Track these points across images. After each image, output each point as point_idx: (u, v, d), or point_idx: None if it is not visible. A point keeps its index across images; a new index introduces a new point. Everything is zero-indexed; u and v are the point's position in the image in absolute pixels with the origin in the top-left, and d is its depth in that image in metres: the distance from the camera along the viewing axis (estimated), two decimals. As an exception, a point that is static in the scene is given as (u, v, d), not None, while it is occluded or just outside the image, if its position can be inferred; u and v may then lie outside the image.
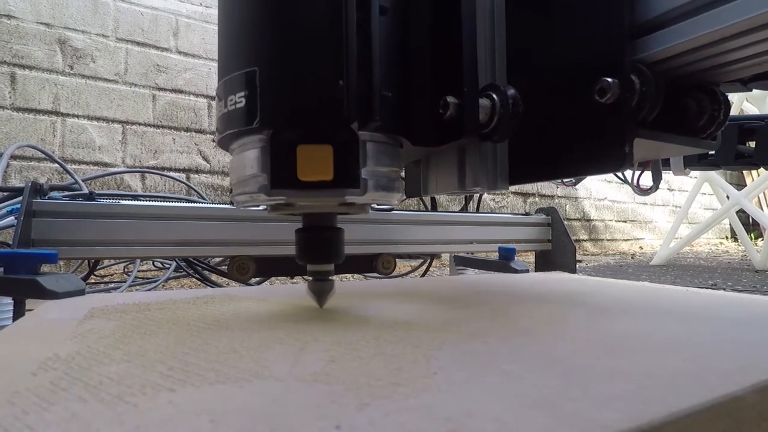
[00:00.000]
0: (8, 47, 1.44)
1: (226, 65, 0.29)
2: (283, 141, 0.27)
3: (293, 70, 0.27)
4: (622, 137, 0.27)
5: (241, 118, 0.28)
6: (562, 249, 0.96)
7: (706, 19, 0.25)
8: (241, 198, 0.30)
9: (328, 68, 0.27)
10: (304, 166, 0.27)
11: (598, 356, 0.22)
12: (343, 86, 0.26)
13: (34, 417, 0.14)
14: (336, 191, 0.27)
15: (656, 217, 3.54)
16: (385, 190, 0.29)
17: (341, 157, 0.27)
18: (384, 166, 0.29)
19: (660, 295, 0.42)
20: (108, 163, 1.59)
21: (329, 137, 0.27)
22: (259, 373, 0.19)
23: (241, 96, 0.27)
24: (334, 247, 0.33)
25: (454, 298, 0.40)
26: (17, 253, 0.44)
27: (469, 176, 0.35)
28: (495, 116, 0.31)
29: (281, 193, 0.27)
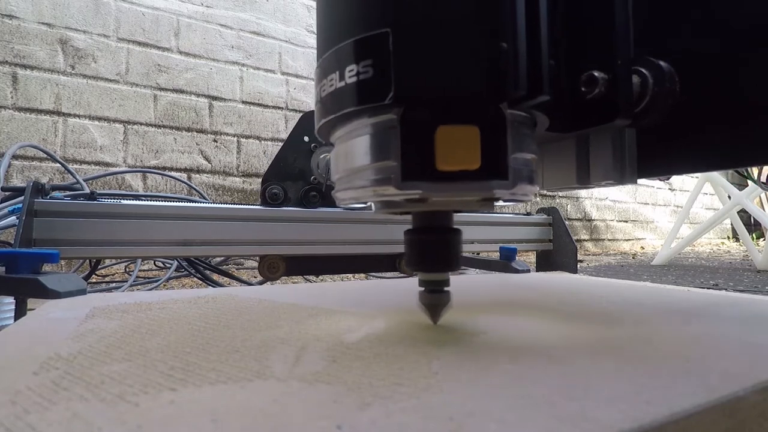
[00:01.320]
0: (10, 47, 1.45)
1: (341, 28, 0.23)
2: (420, 121, 0.22)
3: (438, 30, 0.21)
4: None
5: (365, 92, 0.22)
6: (563, 249, 0.96)
7: None
8: (350, 194, 0.25)
9: (487, 26, 0.21)
10: (446, 153, 0.21)
11: (600, 356, 0.22)
12: (507, 50, 0.21)
13: (35, 416, 0.14)
14: (482, 183, 0.22)
15: (657, 217, 3.54)
16: (528, 182, 0.24)
17: (490, 141, 0.22)
18: (528, 152, 0.24)
19: (661, 295, 0.42)
20: (109, 163, 1.60)
21: (476, 116, 0.22)
22: (260, 372, 0.19)
23: (366, 65, 0.22)
24: (453, 252, 0.27)
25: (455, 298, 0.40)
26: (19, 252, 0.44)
27: (597, 168, 0.30)
28: (647, 95, 0.25)
29: (415, 185, 0.22)
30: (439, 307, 0.28)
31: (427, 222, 0.27)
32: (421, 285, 0.28)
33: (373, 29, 0.22)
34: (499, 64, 0.21)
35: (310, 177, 0.77)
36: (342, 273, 0.77)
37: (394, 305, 0.36)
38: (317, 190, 0.76)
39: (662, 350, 0.23)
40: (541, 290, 0.46)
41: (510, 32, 0.21)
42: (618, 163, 0.29)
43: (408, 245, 0.27)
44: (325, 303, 0.36)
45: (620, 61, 0.24)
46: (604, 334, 0.27)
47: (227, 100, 1.85)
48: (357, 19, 0.23)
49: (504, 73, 0.21)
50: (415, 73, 0.21)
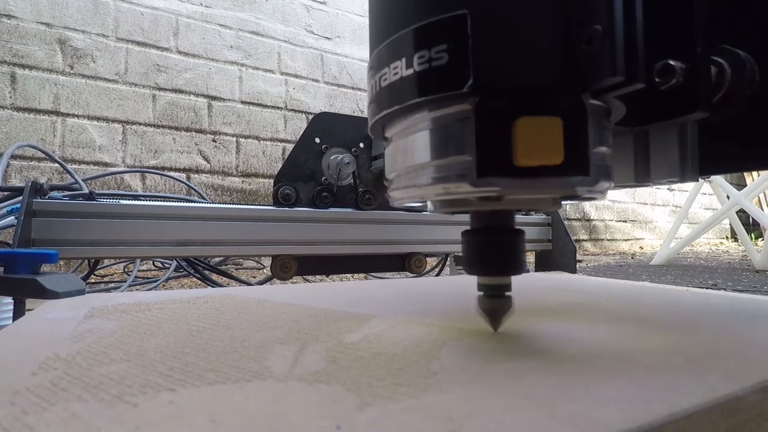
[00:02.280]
0: (8, 47, 1.45)
1: (407, 11, 0.21)
2: (498, 111, 0.20)
3: (521, 12, 0.19)
4: None
5: (439, 80, 0.20)
6: (563, 249, 0.96)
7: None
8: (413, 192, 0.23)
9: (577, 7, 0.19)
10: (526, 146, 0.19)
11: (599, 356, 0.22)
12: (601, 33, 0.19)
13: (34, 417, 0.14)
14: (564, 180, 0.20)
15: (656, 217, 3.54)
16: (605, 178, 0.22)
17: (572, 133, 0.20)
18: (606, 145, 0.22)
19: (660, 295, 0.42)
20: (108, 163, 1.59)
21: (558, 107, 0.20)
22: (259, 373, 0.19)
23: (441, 51, 0.20)
24: (517, 255, 0.25)
25: (454, 298, 0.40)
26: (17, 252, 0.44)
27: (660, 164, 0.27)
28: (724, 85, 0.24)
29: (493, 182, 0.20)
30: (501, 313, 0.26)
31: (490, 222, 0.25)
32: (481, 289, 0.25)
33: (448, 11, 0.20)
34: (592, 49, 0.19)
35: (322, 178, 0.77)
36: (353, 273, 0.78)
37: (394, 305, 0.36)
38: (329, 190, 0.77)
39: (661, 350, 0.23)
40: (540, 290, 0.46)
41: (604, 12, 0.19)
42: (681, 160, 0.27)
43: (468, 246, 0.25)
44: (324, 303, 0.36)
45: (700, 48, 0.22)
46: (604, 334, 0.27)
47: (226, 100, 1.85)
48: (428, 0, 0.21)
49: (598, 59, 0.19)
50: (495, 58, 0.19)
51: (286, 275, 0.69)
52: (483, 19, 0.19)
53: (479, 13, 0.19)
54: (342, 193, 0.78)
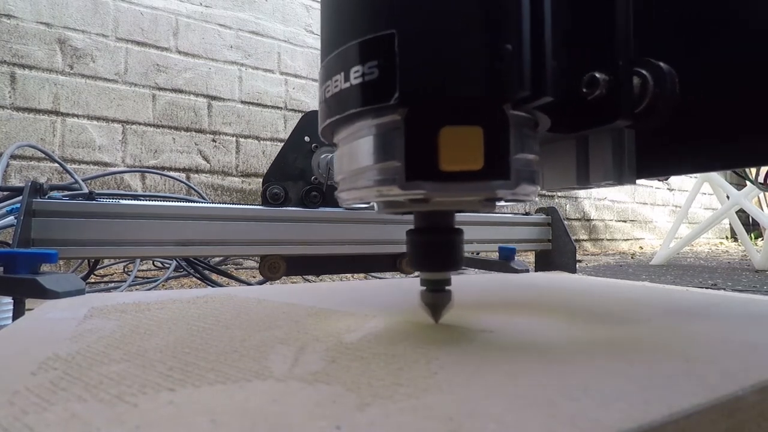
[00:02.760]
0: (8, 47, 1.44)
1: (346, 29, 0.23)
2: (424, 122, 0.22)
3: (443, 32, 0.21)
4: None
5: (371, 93, 0.22)
6: (562, 249, 0.96)
7: None
8: (354, 194, 0.25)
9: (491, 28, 0.21)
10: (449, 153, 0.21)
11: (599, 356, 0.22)
12: (511, 52, 0.21)
13: (33, 417, 0.14)
14: (485, 184, 0.22)
15: (656, 217, 3.54)
16: (530, 183, 0.24)
17: (492, 141, 0.22)
18: (530, 152, 0.24)
19: (660, 295, 0.42)
20: (108, 163, 1.59)
21: (480, 117, 0.22)
22: (259, 373, 0.19)
23: (372, 66, 0.22)
24: (455, 252, 0.27)
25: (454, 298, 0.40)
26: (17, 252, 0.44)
27: (597, 168, 0.30)
28: (647, 96, 0.25)
29: (419, 185, 0.22)
30: (441, 306, 0.28)
31: (430, 222, 0.27)
32: (423, 284, 0.28)
33: (378, 31, 0.22)
34: (502, 66, 0.21)
35: (311, 177, 0.76)
36: (343, 273, 0.77)
37: (393, 305, 0.36)
38: (318, 190, 0.76)
39: (661, 350, 0.23)
40: (540, 290, 0.46)
41: (514, 33, 0.21)
42: (617, 164, 0.29)
43: (410, 245, 0.27)
44: (324, 303, 0.36)
45: (621, 62, 0.24)
46: (603, 334, 0.27)
47: (226, 100, 1.85)
48: (362, 20, 0.23)
49: (507, 75, 0.21)
50: (420, 74, 0.21)
51: (274, 276, 0.68)
52: (409, 38, 0.21)
53: (405, 33, 0.21)
54: (331, 193, 0.78)
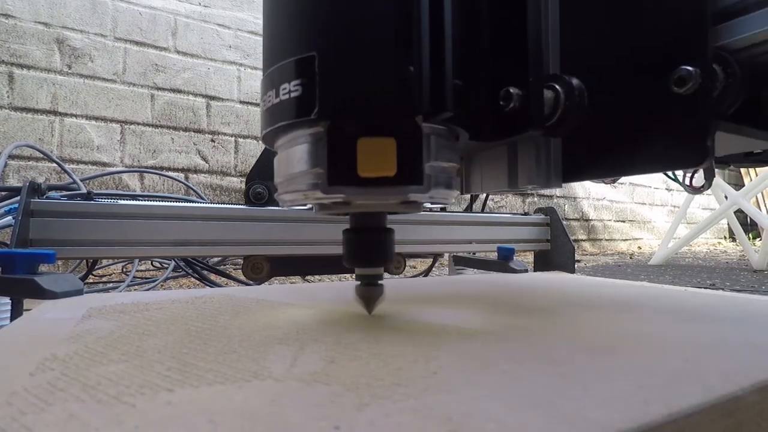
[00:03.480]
0: (6, 46, 1.44)
1: (278, 51, 0.26)
2: (342, 133, 0.24)
3: (357, 55, 0.24)
4: (703, 131, 0.25)
5: (296, 108, 0.25)
6: (561, 249, 0.96)
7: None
8: (288, 197, 0.28)
9: (396, 52, 0.24)
10: (365, 161, 0.24)
11: (598, 356, 0.22)
12: (414, 73, 0.24)
13: (31, 417, 0.14)
14: (398, 188, 0.25)
15: (655, 217, 3.55)
16: (445, 187, 0.27)
17: (405, 151, 0.25)
18: (446, 161, 0.27)
19: (658, 295, 0.42)
20: (106, 163, 1.59)
21: (393, 129, 0.25)
22: (257, 373, 0.19)
23: (297, 84, 0.25)
24: (385, 249, 0.30)
25: (453, 298, 0.40)
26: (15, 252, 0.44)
27: (523, 173, 0.33)
28: (559, 108, 0.28)
29: (339, 190, 0.25)
30: (374, 299, 0.31)
31: (362, 222, 0.30)
32: (358, 279, 0.31)
33: (302, 53, 0.25)
34: (406, 85, 0.24)
35: None
36: (328, 274, 0.75)
37: (393, 305, 0.35)
38: None
39: (660, 350, 0.23)
40: (538, 290, 0.46)
41: (416, 58, 0.24)
42: (543, 169, 0.32)
43: (345, 244, 0.30)
44: (323, 303, 0.36)
45: (532, 78, 0.28)
46: (602, 334, 0.27)
47: (225, 100, 1.85)
48: (289, 43, 0.26)
49: (410, 93, 0.24)
50: (338, 91, 0.24)
51: (257, 276, 0.67)
52: (327, 60, 0.24)
53: (324, 56, 0.24)
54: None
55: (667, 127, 0.26)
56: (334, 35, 0.24)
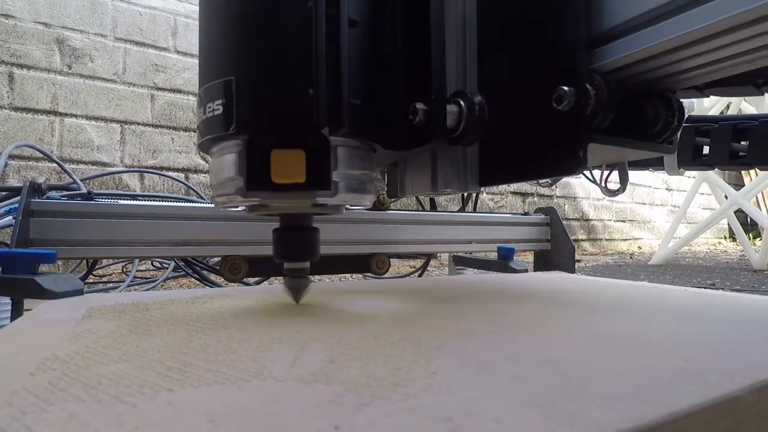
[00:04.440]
0: (6, 47, 1.44)
1: (206, 74, 0.31)
2: (258, 146, 0.29)
3: (267, 80, 0.29)
4: (576, 142, 0.29)
5: (219, 124, 0.29)
6: (561, 249, 0.96)
7: (656, 30, 0.27)
8: (219, 199, 0.31)
9: (298, 78, 0.28)
10: (278, 170, 0.28)
11: (598, 356, 0.22)
12: (312, 95, 0.28)
13: (32, 417, 0.14)
14: (308, 193, 0.29)
15: (655, 216, 3.54)
16: (356, 192, 0.31)
17: (313, 161, 0.29)
18: (355, 169, 0.31)
19: (659, 295, 0.42)
20: (106, 163, 1.59)
21: (302, 142, 0.29)
22: (257, 373, 0.19)
23: (219, 103, 0.29)
24: (309, 246, 0.34)
25: (453, 298, 0.40)
26: (15, 252, 0.44)
27: (441, 178, 0.37)
28: (462, 121, 0.32)
29: (256, 194, 0.29)
30: (300, 289, 0.35)
31: (290, 222, 0.34)
32: (286, 272, 0.35)
33: (222, 77, 0.29)
34: (305, 105, 0.28)
35: None
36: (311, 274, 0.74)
37: (393, 305, 0.35)
38: None
39: (660, 350, 0.23)
40: (538, 290, 0.46)
41: (315, 83, 0.28)
42: (459, 174, 0.36)
43: (274, 241, 0.34)
44: (322, 303, 0.36)
45: (434, 95, 0.32)
46: (602, 334, 0.27)
47: (225, 100, 1.84)
48: (213, 67, 0.30)
49: (310, 112, 0.28)
50: (251, 110, 0.29)
51: (235, 277, 0.65)
52: (243, 83, 0.29)
53: (240, 80, 0.29)
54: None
55: (550, 138, 0.30)
56: (248, 62, 0.29)
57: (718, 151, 0.63)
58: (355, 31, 0.30)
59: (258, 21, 0.29)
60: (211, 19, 0.31)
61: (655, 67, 0.29)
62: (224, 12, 0.30)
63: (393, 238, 0.79)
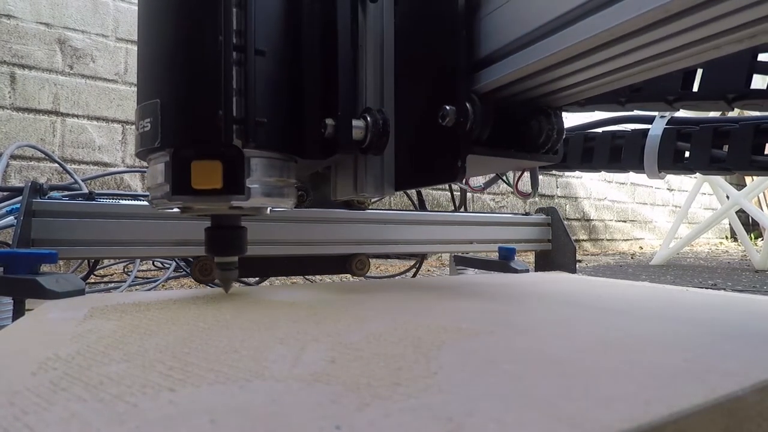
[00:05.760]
0: (8, 47, 1.44)
1: (140, 95, 0.36)
2: (181, 157, 0.34)
3: (185, 102, 0.34)
4: (456, 154, 0.33)
5: (149, 138, 0.34)
6: (562, 249, 0.96)
7: (524, 54, 0.31)
8: (154, 201, 0.37)
9: (210, 101, 0.33)
10: (198, 178, 0.33)
11: (599, 356, 0.22)
12: (221, 115, 0.33)
13: (34, 417, 0.14)
14: (224, 197, 0.34)
15: (656, 217, 3.54)
16: (271, 196, 0.36)
17: (228, 170, 0.34)
18: (271, 176, 0.36)
19: (660, 295, 0.42)
20: (108, 163, 1.59)
21: (218, 154, 0.34)
22: (259, 373, 0.19)
23: (148, 121, 0.34)
24: (235, 242, 0.40)
25: (454, 298, 0.40)
26: (17, 252, 0.44)
27: (359, 182, 0.41)
28: (368, 134, 0.38)
29: (180, 198, 0.34)
30: (230, 280, 0.41)
31: (220, 221, 0.40)
32: (217, 266, 0.40)
33: (151, 99, 0.34)
34: (216, 124, 0.33)
35: None
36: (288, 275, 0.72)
37: (394, 304, 0.36)
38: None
39: (661, 350, 0.23)
40: (539, 290, 0.46)
41: (224, 105, 0.33)
42: (374, 180, 0.41)
43: (206, 238, 0.40)
44: (323, 303, 0.36)
45: (340, 112, 0.37)
46: (603, 334, 0.27)
47: (226, 100, 1.85)
48: (144, 90, 0.36)
49: (220, 129, 0.33)
50: (172, 127, 0.34)
51: (205, 278, 0.64)
52: (166, 104, 0.34)
53: (165, 101, 0.34)
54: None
55: (438, 150, 0.35)
56: (170, 86, 0.34)
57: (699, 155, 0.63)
58: (264, 59, 0.35)
59: (178, 51, 0.34)
60: (143, 46, 0.37)
61: (530, 87, 0.34)
62: (152, 42, 0.35)
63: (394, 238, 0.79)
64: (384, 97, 0.40)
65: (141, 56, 0.37)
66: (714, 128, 0.61)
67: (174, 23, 0.34)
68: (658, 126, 0.66)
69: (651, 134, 0.66)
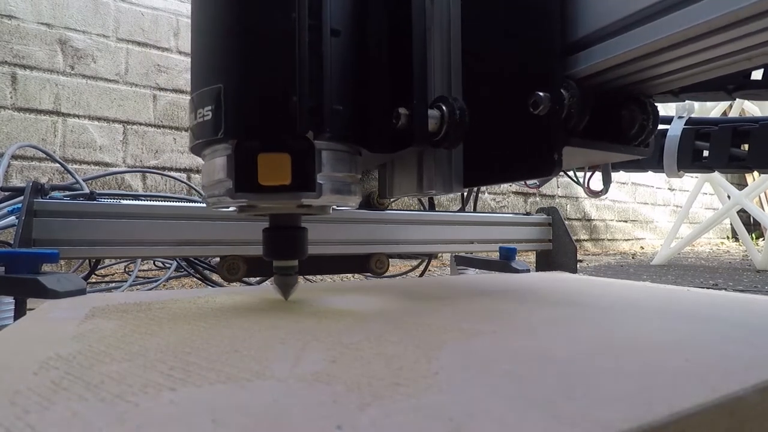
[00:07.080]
0: (9, 47, 1.45)
1: (197, 81, 0.32)
2: (245, 150, 0.30)
3: (253, 88, 0.30)
4: (552, 146, 0.30)
5: (209, 129, 0.31)
6: (563, 249, 0.96)
7: (627, 38, 0.27)
8: (211, 200, 0.33)
9: (282, 86, 0.30)
10: (265, 172, 0.30)
11: (600, 356, 0.22)
12: (296, 102, 0.29)
13: (35, 416, 0.14)
14: (293, 194, 0.31)
15: (657, 216, 3.54)
16: (340, 194, 0.33)
17: (298, 164, 0.30)
18: (340, 171, 0.33)
19: (661, 295, 0.42)
20: (109, 163, 1.60)
21: (287, 146, 0.30)
22: (260, 372, 0.19)
23: (209, 109, 0.31)
24: (298, 245, 0.36)
25: (455, 298, 0.40)
26: (18, 252, 0.44)
27: (426, 179, 0.38)
28: (444, 125, 0.34)
29: (244, 196, 0.31)
30: (289, 286, 0.37)
31: (280, 222, 0.36)
32: (275, 271, 0.36)
33: (211, 84, 0.31)
34: (290, 112, 0.29)
35: None
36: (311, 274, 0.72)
37: (395, 304, 0.36)
38: None
39: (662, 350, 0.23)
40: (540, 290, 0.46)
41: (298, 91, 0.29)
42: (443, 176, 0.37)
43: (264, 240, 0.36)
44: (324, 302, 0.36)
45: (416, 100, 0.33)
46: (604, 333, 0.27)
47: (227, 100, 1.85)
48: (204, 76, 0.32)
49: (294, 118, 0.29)
50: (239, 116, 0.30)
51: (233, 277, 0.65)
52: (231, 91, 0.30)
53: (229, 87, 0.30)
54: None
55: (528, 142, 0.31)
56: (235, 71, 0.30)
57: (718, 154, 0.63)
58: (338, 40, 0.31)
59: (245, 31, 0.30)
60: (202, 27, 0.33)
61: (628, 73, 0.30)
62: (214, 22, 0.32)
63: (394, 238, 0.79)
64: (452, 84, 0.36)
65: (199, 34, 0.33)
66: (733, 128, 0.62)
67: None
68: (677, 126, 0.66)
69: (670, 135, 0.66)
